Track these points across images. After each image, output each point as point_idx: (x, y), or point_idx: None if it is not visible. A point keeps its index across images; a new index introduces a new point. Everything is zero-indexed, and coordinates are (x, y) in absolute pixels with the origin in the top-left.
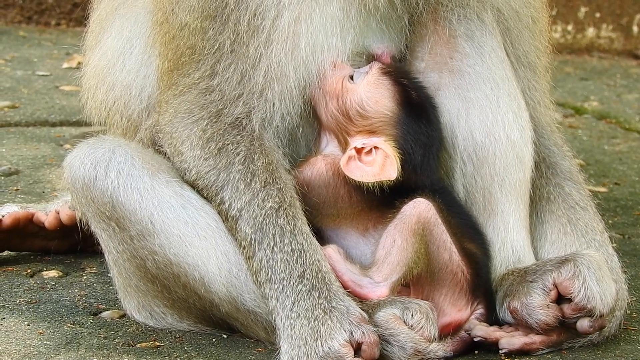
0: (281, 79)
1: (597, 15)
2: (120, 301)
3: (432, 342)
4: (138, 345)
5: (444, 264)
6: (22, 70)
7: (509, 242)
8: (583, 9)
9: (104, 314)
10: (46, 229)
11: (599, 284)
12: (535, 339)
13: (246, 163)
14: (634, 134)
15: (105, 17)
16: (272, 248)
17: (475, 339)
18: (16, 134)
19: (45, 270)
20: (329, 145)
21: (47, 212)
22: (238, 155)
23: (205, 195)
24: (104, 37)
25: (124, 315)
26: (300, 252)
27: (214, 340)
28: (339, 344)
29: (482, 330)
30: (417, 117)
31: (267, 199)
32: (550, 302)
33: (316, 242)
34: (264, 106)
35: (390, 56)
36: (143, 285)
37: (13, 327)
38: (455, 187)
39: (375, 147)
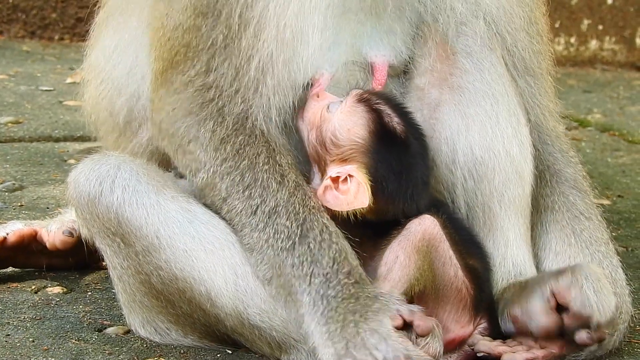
0: (273, 72)
1: (600, 27)
2: (125, 317)
3: (438, 358)
4: None
5: (448, 281)
6: (26, 85)
7: (510, 256)
8: (586, 22)
9: (109, 330)
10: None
11: (597, 294)
12: (538, 354)
13: (270, 162)
14: (638, 147)
15: (103, 21)
16: (320, 244)
17: (478, 354)
18: (20, 150)
19: (50, 287)
20: (315, 178)
21: (49, 231)
22: (260, 155)
23: (225, 192)
24: (101, 38)
25: (128, 331)
26: (347, 252)
27: (218, 355)
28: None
29: (485, 345)
30: (390, 144)
31: (308, 198)
32: (550, 309)
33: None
34: (260, 102)
35: (387, 65)
36: (147, 301)
37: (18, 344)
38: (457, 202)
39: (350, 175)
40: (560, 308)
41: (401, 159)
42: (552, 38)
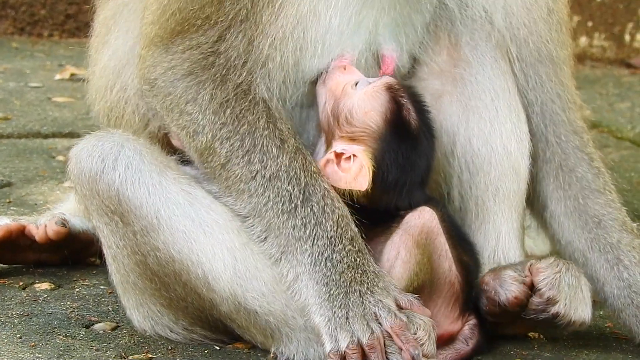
0: (286, 51)
1: (590, 24)
2: (112, 313)
3: (430, 359)
4: (130, 357)
5: (443, 274)
6: (15, 82)
7: (501, 249)
8: (575, 18)
9: (96, 326)
10: (38, 242)
11: (570, 288)
12: None
13: (270, 127)
14: (626, 143)
15: (112, 17)
16: (323, 208)
17: None
18: (8, 146)
19: (38, 283)
20: (320, 148)
21: (38, 225)
22: (259, 120)
23: (225, 157)
24: (112, 37)
25: (116, 327)
26: (348, 218)
27: (206, 351)
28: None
29: None
30: (402, 138)
31: (309, 164)
32: (522, 281)
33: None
34: (265, 76)
35: (395, 60)
36: (141, 283)
37: (5, 340)
38: (451, 194)
39: (354, 155)
40: (533, 289)
41: (408, 155)
42: (573, 29)
